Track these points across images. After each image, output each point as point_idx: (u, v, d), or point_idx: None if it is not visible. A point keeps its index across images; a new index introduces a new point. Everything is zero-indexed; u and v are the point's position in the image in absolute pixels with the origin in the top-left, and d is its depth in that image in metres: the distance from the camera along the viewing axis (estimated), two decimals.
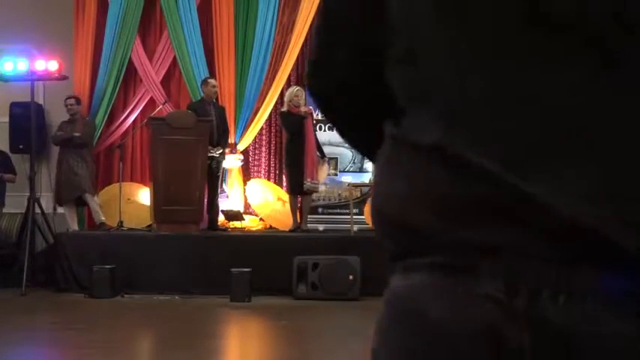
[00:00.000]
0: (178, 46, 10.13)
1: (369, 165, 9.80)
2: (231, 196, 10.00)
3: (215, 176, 9.25)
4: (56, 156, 9.71)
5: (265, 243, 8.60)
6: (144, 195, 9.89)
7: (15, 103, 9.78)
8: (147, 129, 9.82)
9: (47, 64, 9.23)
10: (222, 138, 9.33)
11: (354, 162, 10.38)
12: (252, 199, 10.17)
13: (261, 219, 10.13)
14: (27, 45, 9.64)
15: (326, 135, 9.64)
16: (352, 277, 7.89)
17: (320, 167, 9.14)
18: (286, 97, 9.21)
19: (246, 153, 10.40)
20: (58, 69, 9.31)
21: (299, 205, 9.41)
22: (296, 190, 9.09)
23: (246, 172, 10.37)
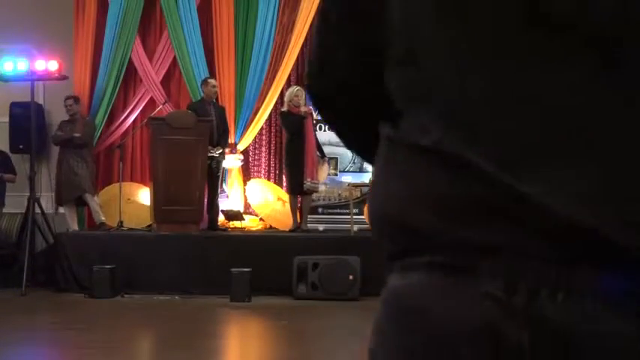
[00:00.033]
0: (178, 46, 10.13)
1: (369, 165, 9.79)
2: (231, 196, 10.00)
3: (215, 176, 9.24)
4: (56, 156, 9.71)
5: (265, 243, 8.60)
6: (144, 195, 9.89)
7: (15, 103, 9.78)
8: (147, 129, 9.82)
9: (47, 64, 9.23)
10: (222, 138, 9.32)
11: (354, 162, 10.38)
12: (252, 199, 10.17)
13: (261, 219, 10.13)
14: (27, 45, 9.64)
15: (326, 135, 9.64)
16: (352, 277, 7.89)
17: (320, 167, 9.13)
18: (286, 97, 9.21)
19: (246, 153, 10.40)
20: (58, 69, 9.30)
21: (299, 205, 9.41)
22: (296, 190, 9.09)
23: (246, 172, 10.37)
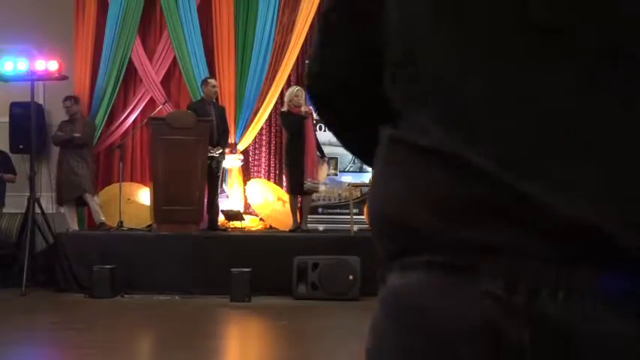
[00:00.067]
0: (178, 46, 10.13)
1: (368, 167, 9.79)
2: (231, 196, 10.00)
3: (215, 176, 9.24)
4: (56, 156, 9.72)
5: (265, 243, 8.60)
6: (144, 195, 9.89)
7: (15, 103, 9.78)
8: (147, 129, 9.82)
9: (47, 64, 9.23)
10: (222, 138, 9.32)
11: (354, 162, 10.38)
12: (252, 199, 10.17)
13: (261, 219, 10.13)
14: (27, 45, 9.64)
15: (326, 135, 9.63)
16: (352, 277, 7.89)
17: (319, 167, 9.13)
18: (286, 97, 9.21)
19: (246, 153, 10.40)
20: (58, 69, 9.31)
21: (299, 205, 9.41)
22: (296, 190, 9.09)
23: (246, 172, 10.37)
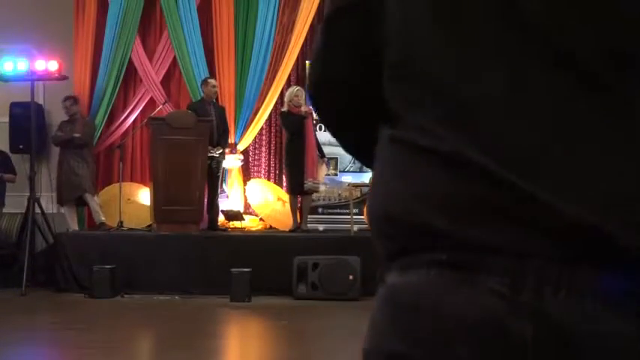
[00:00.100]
0: (178, 46, 10.12)
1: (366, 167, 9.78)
2: (231, 196, 10.00)
3: (215, 176, 9.24)
4: (56, 156, 9.72)
5: (265, 243, 8.59)
6: (144, 195, 9.89)
7: (15, 103, 9.78)
8: (147, 129, 9.82)
9: (47, 64, 9.23)
10: (222, 138, 9.32)
11: (354, 162, 10.36)
12: (252, 199, 10.17)
13: (261, 219, 10.13)
14: (27, 45, 9.63)
15: (326, 135, 9.62)
16: (352, 277, 7.89)
17: (319, 167, 9.13)
18: (286, 97, 9.21)
19: (246, 153, 10.40)
20: (58, 69, 9.30)
21: (299, 205, 9.41)
22: (296, 190, 9.09)
23: (246, 172, 10.37)
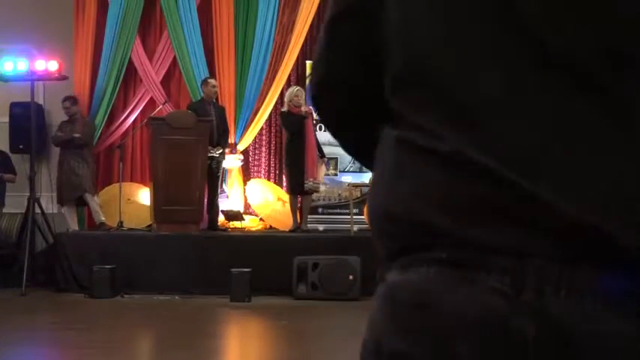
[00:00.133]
0: (178, 46, 10.12)
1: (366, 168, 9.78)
2: (231, 196, 10.00)
3: (215, 176, 9.24)
4: (56, 156, 9.72)
5: (265, 243, 8.59)
6: (144, 195, 9.89)
7: (15, 103, 9.78)
8: (147, 129, 9.82)
9: (47, 64, 9.23)
10: (222, 138, 9.32)
11: (354, 162, 10.37)
12: (252, 199, 10.17)
13: (261, 219, 10.13)
14: (27, 45, 9.63)
15: (326, 135, 9.62)
16: (352, 277, 7.89)
17: (319, 167, 9.13)
18: (286, 97, 9.21)
19: (246, 153, 10.40)
20: (58, 69, 9.30)
21: (299, 205, 9.41)
22: (296, 190, 9.09)
23: (246, 172, 10.37)
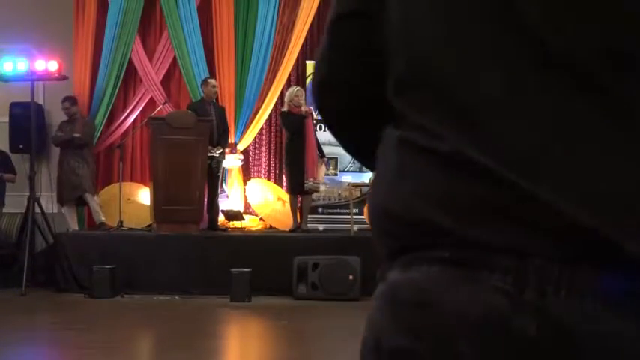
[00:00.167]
0: (178, 46, 10.12)
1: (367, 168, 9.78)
2: (231, 196, 10.00)
3: (215, 176, 9.24)
4: (56, 156, 9.72)
5: (265, 243, 8.59)
6: (144, 195, 9.89)
7: (15, 103, 9.78)
8: (147, 129, 9.82)
9: (47, 64, 9.23)
10: (222, 138, 9.32)
11: (354, 162, 10.37)
12: (252, 199, 10.17)
13: (261, 219, 10.13)
14: (27, 45, 9.63)
15: (326, 135, 9.62)
16: (352, 277, 7.89)
17: (319, 167, 9.13)
18: (286, 97, 9.21)
19: (246, 153, 10.40)
20: (58, 69, 9.30)
21: (299, 205, 9.41)
22: (296, 190, 9.09)
23: (246, 172, 10.37)
